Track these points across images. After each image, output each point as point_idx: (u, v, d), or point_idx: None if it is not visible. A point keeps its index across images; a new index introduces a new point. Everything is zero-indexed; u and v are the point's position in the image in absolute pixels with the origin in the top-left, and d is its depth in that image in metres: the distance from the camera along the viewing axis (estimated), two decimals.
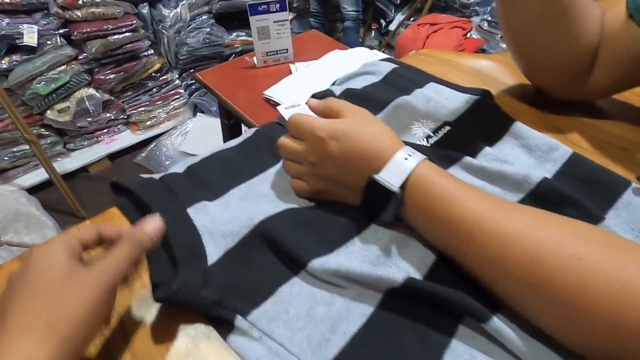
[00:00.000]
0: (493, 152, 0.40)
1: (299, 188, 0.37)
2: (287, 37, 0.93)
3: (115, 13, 1.64)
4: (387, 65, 0.55)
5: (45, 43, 1.56)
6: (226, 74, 0.95)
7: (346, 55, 0.93)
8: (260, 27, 0.90)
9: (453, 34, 1.80)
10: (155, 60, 1.89)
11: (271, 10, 0.88)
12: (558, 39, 0.43)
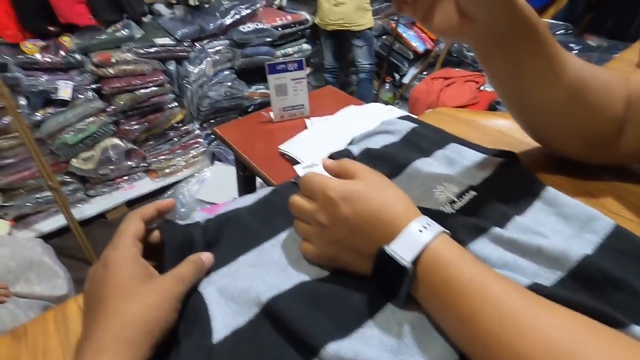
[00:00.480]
0: (525, 222, 0.37)
1: (307, 251, 0.35)
2: (304, 94, 0.96)
3: (145, 70, 1.75)
4: (406, 125, 0.55)
5: (78, 97, 1.67)
6: (243, 128, 0.97)
7: (361, 111, 0.94)
8: (278, 85, 0.93)
9: (466, 87, 1.83)
10: (178, 112, 1.98)
11: (289, 69, 0.92)
12: (577, 120, 0.40)
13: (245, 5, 2.04)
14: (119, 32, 1.71)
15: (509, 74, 0.38)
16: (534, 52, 0.35)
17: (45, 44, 1.62)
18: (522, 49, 0.35)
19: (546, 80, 0.37)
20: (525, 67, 0.36)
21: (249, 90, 2.23)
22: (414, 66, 2.53)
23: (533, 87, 0.38)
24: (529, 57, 0.36)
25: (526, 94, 0.39)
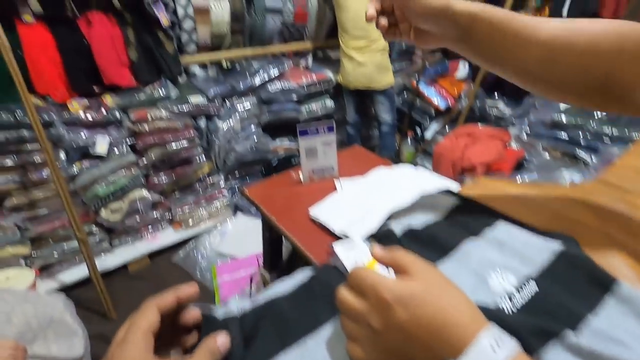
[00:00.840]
0: (599, 325, 0.33)
1: (355, 355, 0.31)
2: (333, 156, 0.96)
3: (177, 126, 1.84)
4: (447, 200, 0.53)
5: (113, 151, 1.75)
6: (272, 190, 0.97)
7: (391, 173, 0.93)
8: (308, 148, 0.94)
9: (492, 144, 1.82)
10: (205, 165, 2.04)
11: (319, 132, 0.93)
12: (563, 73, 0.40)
13: (274, 67, 2.16)
14: (156, 91, 1.83)
15: (480, 57, 0.47)
16: (488, 36, 0.43)
17: (88, 103, 1.74)
18: (475, 38, 0.44)
19: (515, 50, 0.42)
20: (488, 48, 0.44)
21: (274, 144, 2.29)
22: (436, 122, 2.56)
23: (504, 58, 0.44)
24: (486, 41, 0.44)
25: (503, 66, 0.46)
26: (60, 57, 1.64)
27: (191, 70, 2.15)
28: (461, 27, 0.44)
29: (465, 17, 0.43)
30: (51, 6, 1.58)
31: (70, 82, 1.69)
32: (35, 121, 1.41)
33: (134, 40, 1.79)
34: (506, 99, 2.24)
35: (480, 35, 0.44)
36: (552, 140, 1.79)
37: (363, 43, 2.13)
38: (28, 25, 1.55)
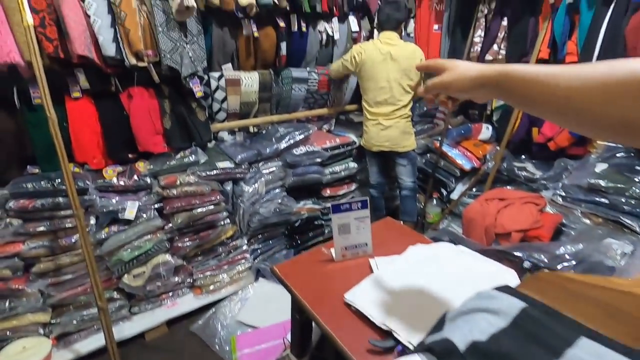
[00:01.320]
0: None
1: None
2: (367, 233, 0.92)
3: (204, 190, 1.86)
4: (510, 302, 0.47)
5: (141, 216, 1.77)
6: (302, 268, 0.92)
7: (431, 253, 0.88)
8: (341, 224, 0.91)
9: (526, 209, 1.74)
10: (229, 228, 2.03)
11: (353, 208, 0.91)
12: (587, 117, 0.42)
13: (299, 132, 2.23)
14: (186, 157, 1.89)
15: (514, 103, 0.51)
16: (516, 89, 0.48)
17: (122, 169, 1.80)
18: (508, 91, 0.49)
19: (542, 96, 0.45)
20: (520, 96, 0.48)
21: (297, 206, 2.28)
22: (462, 182, 2.51)
23: (536, 102, 0.47)
24: (518, 91, 0.48)
25: (535, 109, 0.48)
26: (101, 128, 1.74)
27: (220, 136, 2.24)
28: (494, 87, 0.51)
29: (496, 77, 0.50)
30: (98, 83, 1.71)
31: (107, 150, 1.78)
32: (71, 189, 1.46)
33: (169, 110, 1.90)
34: (534, 161, 2.19)
35: (511, 89, 0.49)
36: (592, 205, 1.69)
37: (388, 109, 2.19)
38: (75, 100, 1.68)
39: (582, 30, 1.82)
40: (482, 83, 0.52)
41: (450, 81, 0.55)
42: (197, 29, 1.84)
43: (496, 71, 0.50)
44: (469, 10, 2.36)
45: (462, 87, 0.54)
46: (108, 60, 1.64)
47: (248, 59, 2.13)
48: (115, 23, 1.61)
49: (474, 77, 0.52)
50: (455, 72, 0.54)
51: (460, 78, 0.54)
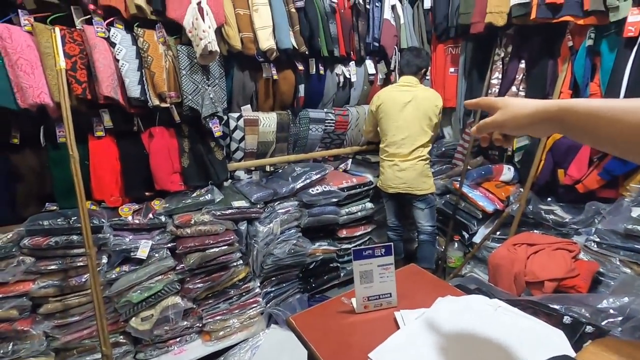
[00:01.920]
0: None
1: None
2: (392, 281, 0.85)
3: (218, 230, 1.82)
4: None
5: (153, 255, 1.73)
6: (320, 319, 0.84)
7: (462, 305, 0.79)
8: (363, 272, 0.84)
9: (559, 256, 1.62)
10: (242, 270, 1.95)
11: (376, 254, 0.84)
12: None
13: (315, 171, 2.21)
14: (202, 196, 1.87)
15: (584, 140, 0.49)
16: (581, 124, 0.46)
17: (138, 207, 1.80)
18: (569, 127, 0.48)
19: (606, 132, 0.43)
20: (581, 132, 0.47)
21: (312, 247, 2.21)
22: (484, 225, 2.40)
23: (599, 137, 0.45)
24: (579, 127, 0.46)
25: (595, 143, 0.47)
26: (121, 166, 1.76)
27: (236, 175, 2.24)
28: (558, 122, 0.49)
29: (558, 112, 0.49)
30: (121, 122, 1.76)
31: (125, 188, 1.78)
32: (85, 227, 1.44)
33: (187, 149, 1.92)
34: (562, 204, 2.09)
35: (573, 123, 0.47)
36: (631, 253, 1.57)
37: (406, 150, 2.15)
38: (98, 139, 1.71)
39: (605, 72, 1.79)
40: (543, 119, 0.50)
41: (504, 120, 0.54)
42: (219, 72, 1.90)
43: (558, 106, 0.49)
44: (484, 53, 2.39)
45: (518, 124, 0.53)
46: (132, 101, 1.69)
47: (267, 100, 2.17)
48: (141, 67, 1.68)
49: (532, 114, 0.51)
50: (509, 110, 0.54)
51: (517, 116, 0.53)
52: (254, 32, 1.92)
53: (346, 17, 2.29)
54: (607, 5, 1.66)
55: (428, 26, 2.68)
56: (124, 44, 1.64)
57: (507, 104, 0.54)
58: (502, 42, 2.28)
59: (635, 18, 1.59)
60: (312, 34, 2.10)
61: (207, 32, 1.64)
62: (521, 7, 1.92)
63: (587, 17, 1.74)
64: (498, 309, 0.76)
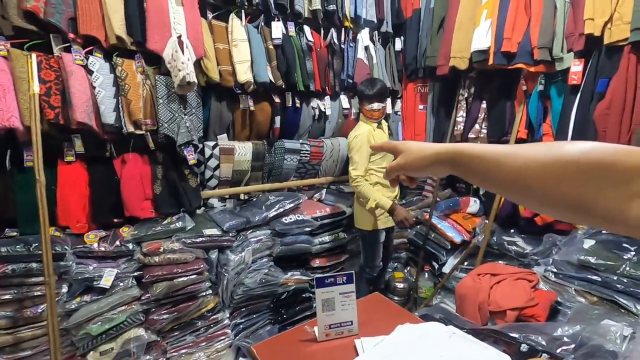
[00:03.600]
0: None
1: None
2: (353, 309, 0.87)
3: (188, 258, 1.80)
4: None
5: (118, 284, 1.67)
6: (283, 348, 0.85)
7: (419, 332, 0.82)
8: (325, 299, 0.86)
9: (519, 285, 1.69)
10: (211, 300, 1.91)
11: (338, 282, 0.87)
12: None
13: (289, 200, 2.24)
14: (173, 223, 1.86)
15: (475, 182, 0.52)
16: (469, 166, 0.50)
17: (105, 234, 1.75)
18: (464, 170, 0.51)
19: (491, 175, 0.47)
20: (471, 174, 0.51)
21: (284, 276, 2.19)
22: (453, 256, 2.47)
23: (485, 180, 0.49)
24: (470, 169, 0.50)
25: (485, 185, 0.50)
26: (90, 192, 1.73)
27: (210, 203, 2.24)
28: (450, 164, 0.53)
29: (451, 155, 0.53)
30: (93, 148, 1.75)
31: (92, 214, 1.75)
32: (47, 254, 1.40)
33: (160, 176, 1.92)
34: (524, 235, 2.19)
35: (463, 165, 0.51)
36: (585, 283, 1.65)
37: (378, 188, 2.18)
38: (68, 164, 1.69)
39: (555, 114, 1.96)
40: (438, 161, 0.55)
41: (405, 163, 0.59)
42: (196, 101, 1.95)
43: (451, 149, 0.53)
44: (450, 93, 2.57)
45: (418, 167, 0.58)
46: (106, 127, 1.70)
47: (243, 130, 2.22)
48: (118, 94, 1.71)
49: (428, 157, 0.56)
50: (410, 154, 0.59)
51: (416, 159, 0.58)
52: (233, 66, 2.00)
53: (322, 55, 2.42)
54: (553, 56, 1.85)
55: (399, 66, 2.87)
56: (101, 72, 1.67)
57: (407, 148, 0.60)
58: (466, 83, 2.46)
59: (577, 68, 1.78)
60: (289, 69, 2.21)
61: (186, 64, 1.70)
62: (480, 54, 2.10)
63: (537, 66, 1.92)
64: (452, 336, 0.80)
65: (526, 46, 1.92)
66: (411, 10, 2.73)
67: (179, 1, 1.81)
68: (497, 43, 2.01)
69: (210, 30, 1.97)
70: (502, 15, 1.99)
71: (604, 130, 1.70)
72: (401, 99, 2.96)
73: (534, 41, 1.90)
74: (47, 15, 1.51)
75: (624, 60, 1.62)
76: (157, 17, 1.71)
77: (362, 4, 2.53)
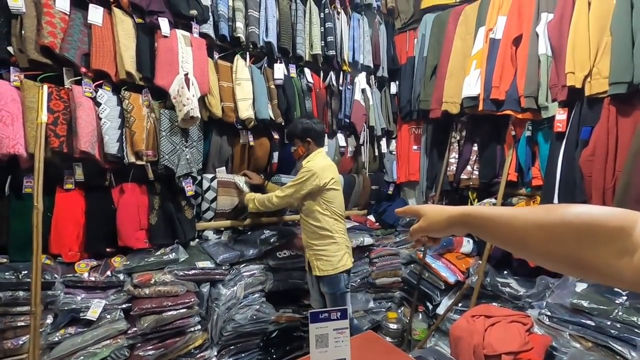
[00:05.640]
0: None
1: None
2: (346, 346, 0.87)
3: (179, 291, 1.76)
4: None
5: (105, 317, 1.63)
6: None
7: None
8: (319, 335, 0.86)
9: (514, 328, 1.67)
10: (199, 336, 1.85)
11: (332, 318, 0.87)
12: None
13: (284, 235, 2.24)
14: (166, 255, 1.84)
15: (486, 240, 0.63)
16: (478, 227, 0.58)
17: (97, 264, 1.73)
18: (473, 229, 0.59)
19: (499, 233, 0.54)
20: (482, 233, 0.57)
21: (276, 313, 2.14)
22: (447, 296, 2.44)
23: (494, 238, 0.56)
24: (480, 229, 0.58)
25: (494, 241, 0.57)
26: (85, 220, 1.73)
27: (205, 235, 2.23)
28: (462, 225, 0.61)
29: (461, 218, 0.61)
30: (93, 176, 1.77)
31: (86, 243, 1.74)
32: (36, 283, 1.38)
33: (157, 206, 1.93)
34: (517, 277, 2.19)
35: (475, 226, 0.58)
36: (579, 328, 1.64)
37: None
38: (66, 191, 1.71)
39: (543, 159, 2.05)
40: (453, 223, 0.62)
41: (427, 226, 0.66)
42: (198, 135, 2.01)
43: (460, 212, 0.61)
44: (443, 135, 2.67)
45: (438, 229, 0.65)
46: (108, 157, 1.73)
47: (242, 164, 2.27)
48: (123, 126, 1.76)
49: (445, 220, 0.63)
50: (428, 218, 0.66)
51: (434, 222, 0.65)
52: (235, 103, 2.09)
53: (321, 95, 2.54)
54: (538, 105, 1.96)
55: (394, 108, 3.00)
56: (109, 104, 1.73)
57: (426, 212, 0.67)
58: (458, 127, 2.57)
59: (562, 117, 1.88)
60: (289, 107, 2.30)
61: (190, 99, 1.77)
62: (471, 100, 2.22)
63: (524, 113, 2.04)
64: None
65: (513, 94, 2.05)
66: (405, 57, 2.91)
67: (188, 42, 1.92)
68: (486, 91, 2.14)
69: (216, 69, 2.07)
70: (490, 65, 2.13)
71: (589, 175, 1.77)
72: (396, 139, 3.06)
73: (520, 90, 2.02)
74: (62, 50, 1.59)
75: (604, 111, 1.72)
76: (166, 56, 1.81)
77: (359, 51, 2.70)
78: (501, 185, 2.24)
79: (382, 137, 2.96)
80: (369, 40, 2.78)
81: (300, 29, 2.37)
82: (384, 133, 2.96)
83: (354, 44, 2.67)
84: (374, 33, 2.85)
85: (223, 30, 2.06)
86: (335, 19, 2.57)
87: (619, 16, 1.65)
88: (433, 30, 2.62)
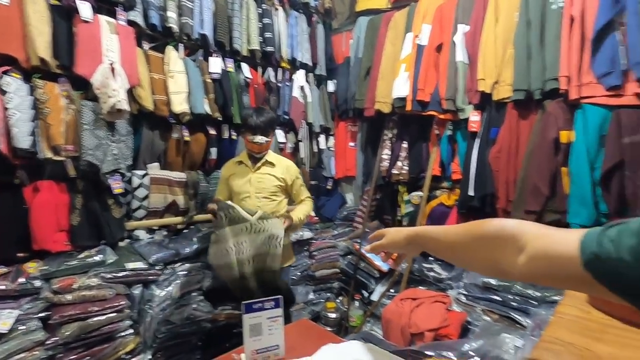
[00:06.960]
0: None
1: None
2: (279, 333, 0.91)
3: (106, 295, 1.66)
4: None
5: (18, 328, 1.48)
6: None
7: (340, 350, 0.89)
8: (252, 325, 0.89)
9: (435, 308, 1.86)
10: (130, 341, 1.77)
11: (265, 307, 0.91)
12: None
13: None
14: (91, 257, 1.72)
15: (435, 254, 0.71)
16: (425, 244, 0.70)
17: (7, 270, 1.56)
18: (424, 246, 0.72)
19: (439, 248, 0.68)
20: (433, 249, 0.70)
21: (214, 311, 2.12)
22: (381, 284, 2.62)
23: (438, 252, 0.69)
24: (427, 247, 0.71)
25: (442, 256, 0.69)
26: None
27: (135, 234, 2.12)
28: (414, 243, 0.73)
29: (413, 236, 0.72)
30: None
31: None
32: None
33: (80, 205, 1.79)
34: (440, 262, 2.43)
35: (423, 244, 0.71)
36: (488, 303, 1.89)
37: None
38: None
39: (461, 156, 2.29)
40: (408, 242, 0.73)
41: (387, 244, 0.79)
42: (126, 129, 1.90)
43: (414, 232, 0.72)
44: (377, 132, 2.83)
45: (397, 247, 0.78)
46: (18, 151, 1.57)
47: (176, 160, 2.19)
48: (36, 118, 1.60)
49: (402, 239, 0.74)
50: (389, 238, 0.78)
51: (393, 241, 0.77)
52: (168, 96, 2.01)
53: (260, 91, 2.54)
54: (456, 107, 2.19)
55: (331, 105, 3.10)
56: (18, 94, 1.56)
57: (388, 232, 0.79)
58: (390, 125, 2.75)
59: (476, 118, 2.12)
60: (226, 102, 2.27)
61: (117, 91, 1.67)
62: (400, 100, 2.39)
63: (446, 114, 2.25)
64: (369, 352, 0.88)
65: (436, 97, 2.25)
66: (342, 57, 3.02)
67: (114, 29, 1.80)
68: (413, 92, 2.32)
69: (147, 60, 1.97)
70: (416, 69, 2.32)
71: (497, 170, 2.02)
72: (334, 136, 3.17)
73: (442, 93, 2.23)
74: None
75: (508, 114, 1.98)
76: (88, 43, 1.68)
77: (298, 48, 2.74)
78: (426, 179, 2.45)
79: (321, 134, 3.05)
80: (307, 38, 2.84)
81: (237, 23, 2.34)
82: (323, 130, 3.05)
83: (292, 41, 2.71)
84: (312, 32, 2.91)
85: (153, 19, 1.96)
86: (273, 15, 2.58)
87: (519, 31, 1.91)
88: (367, 33, 2.76)
